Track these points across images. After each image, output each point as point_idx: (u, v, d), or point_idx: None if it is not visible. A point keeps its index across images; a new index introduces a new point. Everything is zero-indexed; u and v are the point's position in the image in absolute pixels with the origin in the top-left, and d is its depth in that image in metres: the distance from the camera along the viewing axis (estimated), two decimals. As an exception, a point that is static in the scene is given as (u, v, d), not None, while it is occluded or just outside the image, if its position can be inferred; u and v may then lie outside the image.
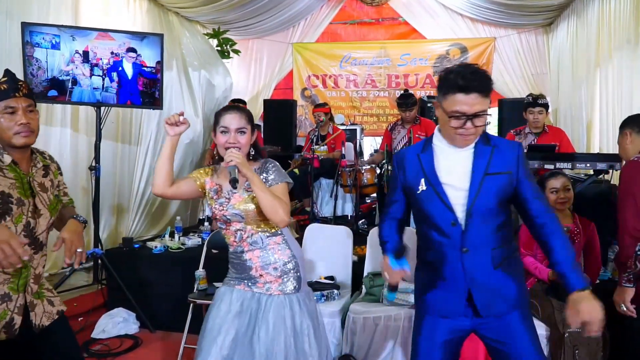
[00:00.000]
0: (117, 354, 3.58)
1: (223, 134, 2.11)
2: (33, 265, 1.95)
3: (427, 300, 1.98)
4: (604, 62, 5.17)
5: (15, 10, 4.15)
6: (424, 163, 1.91)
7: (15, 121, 1.89)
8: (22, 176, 1.93)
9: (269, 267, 2.15)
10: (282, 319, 2.10)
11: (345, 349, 3.19)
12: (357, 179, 5.02)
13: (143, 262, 4.19)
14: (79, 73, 3.79)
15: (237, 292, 2.17)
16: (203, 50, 6.60)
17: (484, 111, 1.79)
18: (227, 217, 2.14)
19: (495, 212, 1.87)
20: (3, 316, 1.85)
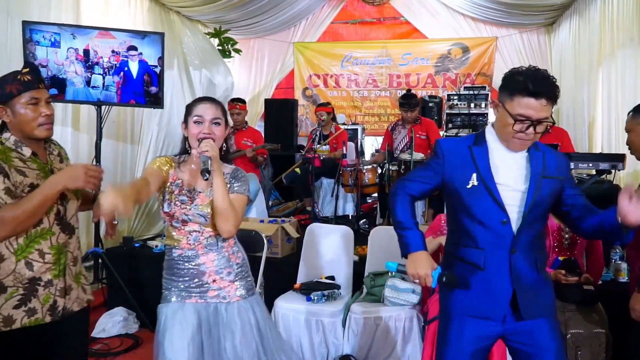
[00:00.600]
0: (117, 354, 3.57)
1: (196, 124, 1.98)
2: (69, 249, 2.00)
3: (459, 300, 1.90)
4: (607, 61, 5.16)
5: (16, 9, 4.15)
6: (477, 158, 1.86)
7: (39, 112, 1.90)
8: (43, 165, 1.96)
9: (223, 272, 2.05)
10: (249, 325, 2.04)
11: (346, 349, 3.18)
12: (359, 178, 5.00)
13: (143, 261, 4.17)
14: (71, 71, 3.77)
15: (189, 307, 1.99)
16: (204, 50, 6.60)
17: (547, 118, 1.76)
18: (189, 217, 2.00)
19: (543, 216, 1.88)
20: (47, 299, 1.91)
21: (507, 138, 1.82)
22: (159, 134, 5.66)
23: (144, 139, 5.64)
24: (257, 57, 8.36)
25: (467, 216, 1.87)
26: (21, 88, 1.89)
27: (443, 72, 7.88)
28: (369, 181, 5.04)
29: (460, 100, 6.96)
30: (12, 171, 1.86)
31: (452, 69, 7.84)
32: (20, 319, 1.86)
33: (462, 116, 6.93)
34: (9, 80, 1.90)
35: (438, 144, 1.97)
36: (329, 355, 3.19)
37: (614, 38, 4.98)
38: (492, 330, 1.88)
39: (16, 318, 1.86)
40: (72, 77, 3.82)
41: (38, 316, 1.89)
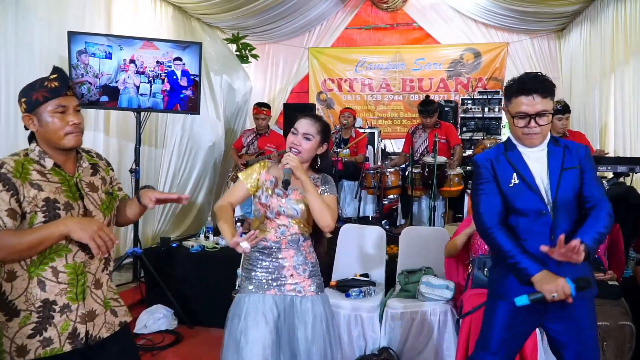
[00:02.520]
0: (163, 348, 3.73)
1: (292, 135, 2.22)
2: (91, 270, 1.85)
3: (509, 286, 2.08)
4: (620, 67, 5.32)
5: (54, 18, 4.30)
6: (513, 160, 2.11)
7: (66, 121, 1.79)
8: (69, 178, 1.85)
9: (300, 268, 2.22)
10: (319, 318, 2.19)
11: (383, 342, 3.36)
12: (382, 181, 5.19)
13: (180, 260, 4.34)
14: (130, 81, 3.97)
15: (269, 299, 2.16)
16: (224, 55, 6.76)
17: (546, 111, 2.01)
18: (283, 209, 2.18)
19: (574, 204, 2.06)
20: (65, 327, 1.77)
21: (518, 136, 2.09)
22: (183, 138, 5.81)
23: (168, 142, 5.79)
24: (272, 62, 8.55)
25: (511, 212, 2.11)
26: (48, 95, 1.78)
27: (455, 77, 8.07)
28: (392, 183, 5.21)
29: (474, 105, 7.16)
30: (26, 185, 1.73)
31: (464, 74, 8.03)
32: (34, 350, 1.73)
33: (476, 120, 7.13)
34: (35, 87, 1.80)
35: (474, 161, 2.22)
36: (366, 348, 3.37)
37: (627, 45, 5.15)
38: (533, 313, 2.08)
39: (30, 349, 1.72)
40: (126, 85, 4.01)
41: (55, 346, 1.75)
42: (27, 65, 3.94)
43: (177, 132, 5.77)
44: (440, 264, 3.56)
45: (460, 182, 5.02)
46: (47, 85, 1.80)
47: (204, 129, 5.97)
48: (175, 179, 5.79)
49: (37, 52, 4.07)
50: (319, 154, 2.27)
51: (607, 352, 2.83)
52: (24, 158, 1.80)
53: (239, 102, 6.82)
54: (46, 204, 1.75)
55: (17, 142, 3.83)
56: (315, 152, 2.24)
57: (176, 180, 5.80)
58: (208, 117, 6.03)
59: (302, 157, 2.17)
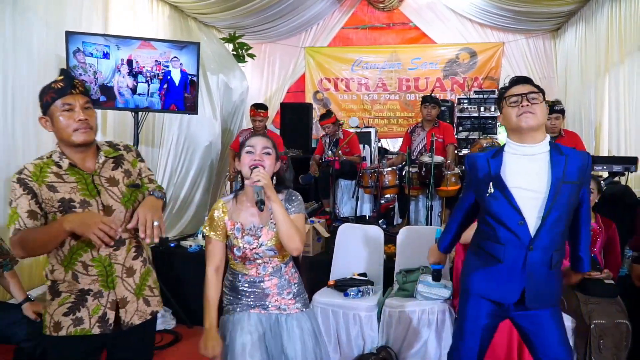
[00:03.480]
0: (161, 348, 3.74)
1: (248, 154, 2.09)
2: (118, 261, 1.94)
3: (477, 282, 2.21)
4: (614, 67, 5.36)
5: (51, 18, 4.30)
6: (492, 167, 2.12)
7: (73, 118, 1.87)
8: (86, 176, 1.92)
9: (284, 292, 2.19)
10: (307, 332, 2.19)
11: (381, 341, 3.38)
12: (379, 180, 5.20)
13: (178, 260, 4.35)
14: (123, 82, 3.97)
15: (253, 316, 2.14)
16: (220, 54, 6.75)
17: (539, 94, 2.09)
18: (259, 254, 2.11)
19: (564, 218, 2.08)
20: (96, 311, 1.91)
21: (514, 126, 2.09)
22: (179, 137, 5.80)
23: (165, 142, 5.78)
24: (269, 61, 8.56)
25: (490, 217, 2.14)
26: (55, 95, 1.88)
27: (451, 76, 8.10)
28: (389, 183, 5.23)
29: (470, 104, 7.19)
30: (43, 187, 1.85)
31: (460, 73, 8.07)
32: (66, 327, 1.87)
33: (472, 119, 7.16)
34: (45, 90, 1.90)
35: (466, 159, 2.30)
36: (365, 347, 3.39)
37: (622, 45, 5.18)
38: (502, 310, 2.19)
39: (63, 325, 1.88)
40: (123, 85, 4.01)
41: (84, 326, 1.89)
42: (25, 65, 3.94)
43: (174, 131, 5.75)
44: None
45: (457, 181, 5.04)
46: (54, 87, 1.89)
47: (201, 128, 5.95)
48: (172, 179, 5.77)
49: (35, 52, 4.06)
50: (275, 171, 2.17)
51: (603, 351, 2.86)
52: (45, 160, 1.91)
53: (235, 102, 6.81)
54: (62, 204, 1.85)
55: (14, 142, 3.83)
56: (273, 169, 2.14)
57: (173, 179, 5.79)
58: (205, 117, 6.02)
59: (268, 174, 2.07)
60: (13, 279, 2.92)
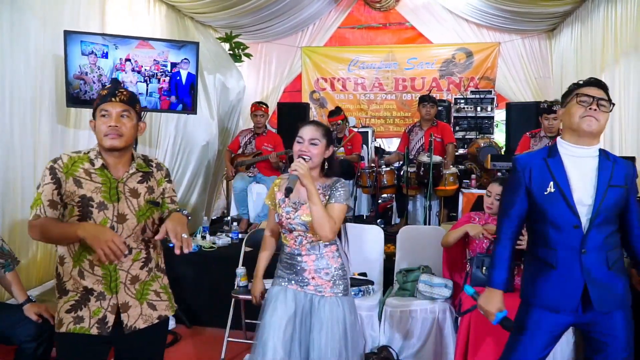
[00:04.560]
0: (161, 348, 3.73)
1: (298, 144, 2.28)
2: (123, 268, 2.01)
3: (538, 293, 2.14)
4: (610, 67, 5.39)
5: (49, 17, 4.27)
6: (553, 167, 2.10)
7: (106, 124, 1.97)
8: (112, 180, 2.01)
9: (322, 272, 2.30)
10: (336, 320, 2.25)
11: (382, 340, 3.39)
12: (378, 180, 5.21)
13: (177, 260, 4.31)
14: (128, 80, 3.96)
15: (290, 292, 2.31)
16: (217, 54, 6.74)
17: (607, 102, 2.07)
18: (293, 225, 2.28)
19: (612, 220, 2.08)
20: (97, 313, 1.97)
21: (577, 125, 2.06)
22: (176, 137, 5.79)
23: (162, 142, 5.77)
24: (265, 61, 8.53)
25: (542, 220, 2.12)
26: (98, 102, 2.01)
27: (447, 76, 8.12)
28: (387, 182, 5.24)
29: (466, 104, 7.22)
30: (69, 180, 1.95)
31: (456, 73, 8.09)
32: (67, 324, 1.95)
33: (468, 119, 7.19)
34: (95, 97, 2.05)
35: (515, 160, 2.24)
36: (366, 347, 3.39)
37: (618, 46, 5.21)
38: (564, 320, 2.12)
39: (64, 322, 1.96)
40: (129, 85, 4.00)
41: (84, 325, 1.95)
42: (23, 64, 3.91)
43: (170, 131, 5.73)
44: (438, 262, 3.59)
45: (455, 181, 5.06)
46: (100, 94, 2.04)
47: (198, 128, 5.94)
48: (169, 178, 5.76)
49: (32, 52, 4.02)
50: (326, 157, 2.32)
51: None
52: (82, 155, 2.02)
53: (232, 101, 6.80)
54: (81, 200, 1.94)
55: (12, 141, 3.80)
56: (323, 157, 2.30)
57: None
58: (202, 117, 6.00)
59: (312, 163, 2.24)
60: (14, 280, 2.91)
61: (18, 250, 3.61)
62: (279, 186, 2.39)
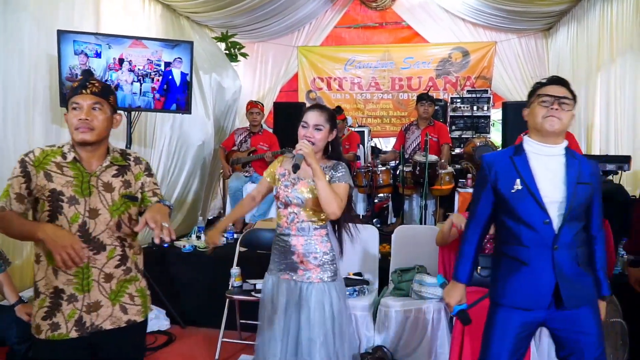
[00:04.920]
0: (154, 349, 3.72)
1: (303, 128, 2.37)
2: (97, 265, 1.93)
3: (508, 293, 2.13)
4: (606, 67, 5.39)
5: (43, 17, 4.24)
6: (519, 165, 2.10)
7: (77, 117, 1.90)
8: (85, 174, 1.93)
9: (310, 256, 2.36)
10: (322, 305, 2.32)
11: (377, 340, 3.37)
12: (374, 180, 5.20)
13: (172, 260, 4.33)
14: (123, 79, 3.94)
15: (283, 283, 2.40)
16: (213, 54, 6.72)
17: (569, 100, 2.07)
18: (290, 198, 2.36)
19: (582, 216, 2.11)
20: (72, 315, 1.90)
21: (538, 126, 2.08)
22: (172, 137, 5.76)
23: (158, 142, 5.75)
24: (261, 60, 8.52)
25: (512, 218, 2.11)
26: (70, 94, 1.96)
27: (444, 76, 8.12)
28: (383, 182, 5.23)
29: (463, 103, 7.21)
30: (40, 174, 1.88)
31: (452, 73, 8.08)
32: (45, 331, 1.89)
33: (465, 118, 7.18)
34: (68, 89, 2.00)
35: (481, 159, 2.25)
36: (361, 347, 3.38)
37: (613, 45, 5.21)
38: (535, 317, 2.11)
39: (42, 329, 1.89)
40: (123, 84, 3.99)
41: (62, 331, 1.89)
42: (17, 64, 3.88)
43: (166, 131, 5.71)
44: (433, 262, 3.57)
45: (451, 180, 5.05)
46: (72, 86, 2.00)
47: (194, 128, 5.93)
48: (164, 179, 5.74)
49: (25, 51, 4.00)
50: (330, 140, 2.42)
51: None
52: (55, 149, 1.95)
53: (228, 101, 6.79)
54: (52, 194, 1.87)
55: (6, 140, 3.78)
56: (327, 140, 2.40)
57: (166, 179, 5.75)
58: (197, 116, 5.98)
59: (316, 147, 2.33)
60: (6, 281, 2.89)
61: (12, 252, 3.60)
62: (282, 162, 2.50)
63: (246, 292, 3.50)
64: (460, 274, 2.22)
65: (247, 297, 3.45)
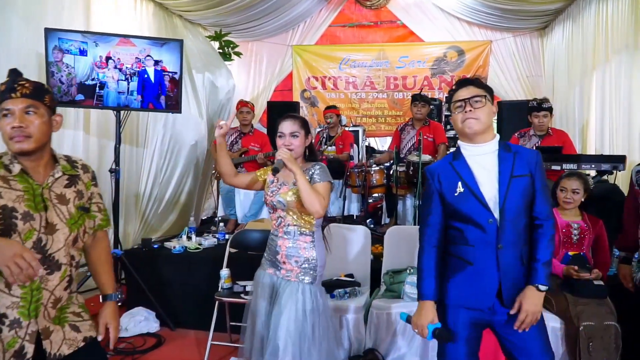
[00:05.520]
0: (144, 352, 3.66)
1: (280, 138, 2.49)
2: (48, 287, 1.75)
3: (452, 292, 2.14)
4: (601, 66, 5.35)
5: (31, 14, 4.19)
6: (459, 169, 2.12)
7: (10, 125, 1.71)
8: (35, 187, 1.75)
9: (292, 259, 2.45)
10: (296, 305, 2.36)
11: (368, 343, 3.32)
12: (367, 180, 5.15)
13: (162, 262, 4.26)
14: (109, 77, 3.88)
15: (267, 277, 2.51)
16: (206, 52, 6.67)
17: (480, 95, 2.06)
18: (274, 203, 2.49)
19: (523, 211, 2.07)
20: (12, 344, 1.67)
21: (460, 131, 2.11)
22: (165, 136, 5.71)
23: (150, 142, 5.69)
24: (255, 59, 8.47)
25: (459, 219, 2.12)
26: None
27: (439, 75, 8.07)
28: (376, 182, 5.18)
29: (458, 103, 7.14)
30: None
31: (447, 72, 8.04)
32: None
33: (459, 118, 7.11)
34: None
35: (426, 170, 2.27)
36: (352, 349, 3.33)
37: (609, 44, 5.18)
38: (483, 317, 2.12)
39: None
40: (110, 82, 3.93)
41: None
42: (4, 62, 3.81)
43: (159, 130, 5.67)
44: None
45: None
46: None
47: (187, 127, 5.88)
48: (157, 179, 5.68)
49: (14, 50, 3.95)
50: (307, 145, 2.55)
51: (593, 353, 2.83)
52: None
53: (221, 100, 6.73)
54: (3, 212, 1.66)
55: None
56: (304, 146, 2.52)
57: (158, 179, 5.69)
58: (190, 116, 5.93)
59: (296, 153, 2.45)
60: None
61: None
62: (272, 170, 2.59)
63: (236, 294, 3.44)
64: (425, 291, 2.13)
65: (236, 299, 3.39)
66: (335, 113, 5.86)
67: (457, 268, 2.13)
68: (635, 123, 4.60)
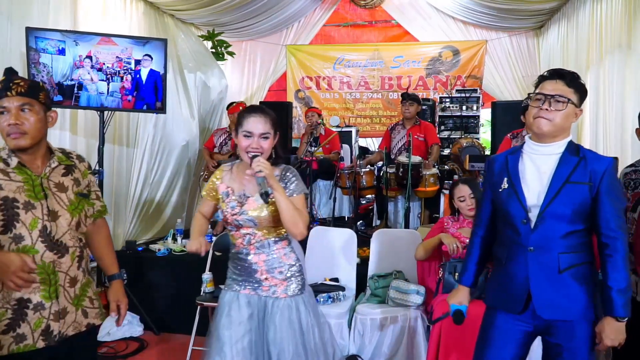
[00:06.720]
0: (125, 357, 3.61)
1: (246, 138, 2.05)
2: (62, 269, 1.87)
3: (489, 293, 2.10)
4: (595, 65, 5.30)
5: (15, 13, 4.14)
6: (510, 163, 2.02)
7: (7, 122, 1.80)
8: (34, 178, 1.86)
9: (275, 271, 2.14)
10: (289, 321, 2.11)
11: (352, 349, 3.26)
12: (357, 181, 5.09)
13: (146, 264, 4.21)
14: (87, 78, 3.81)
15: (243, 297, 2.15)
16: (198, 52, 6.62)
17: (565, 97, 1.90)
18: (239, 222, 2.11)
19: (570, 219, 1.89)
20: (38, 324, 1.81)
21: (530, 125, 1.98)
22: (155, 137, 5.66)
23: (140, 142, 5.63)
24: (249, 59, 8.40)
25: (500, 216, 2.05)
26: None
27: (434, 75, 8.00)
28: (366, 183, 5.12)
29: (452, 103, 7.10)
30: None
31: (442, 72, 7.97)
32: (7, 346, 1.77)
33: (454, 118, 7.07)
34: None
35: (487, 160, 2.18)
36: (335, 355, 3.26)
37: (602, 43, 5.12)
38: (520, 324, 1.98)
39: (4, 344, 1.77)
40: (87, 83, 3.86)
41: (28, 342, 1.79)
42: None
43: (149, 131, 5.60)
44: (412, 267, 3.46)
45: (436, 182, 4.93)
46: None
47: (177, 127, 5.82)
48: (147, 179, 5.63)
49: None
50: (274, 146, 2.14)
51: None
52: None
53: (214, 101, 6.69)
54: (4, 203, 1.78)
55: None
56: (272, 147, 2.11)
57: (148, 180, 5.64)
58: (181, 116, 5.88)
59: (264, 157, 2.05)
60: None
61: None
62: (221, 178, 2.21)
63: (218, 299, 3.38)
64: (464, 278, 2.17)
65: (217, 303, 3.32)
66: (317, 112, 5.82)
67: (495, 268, 2.08)
68: (628, 123, 4.53)
